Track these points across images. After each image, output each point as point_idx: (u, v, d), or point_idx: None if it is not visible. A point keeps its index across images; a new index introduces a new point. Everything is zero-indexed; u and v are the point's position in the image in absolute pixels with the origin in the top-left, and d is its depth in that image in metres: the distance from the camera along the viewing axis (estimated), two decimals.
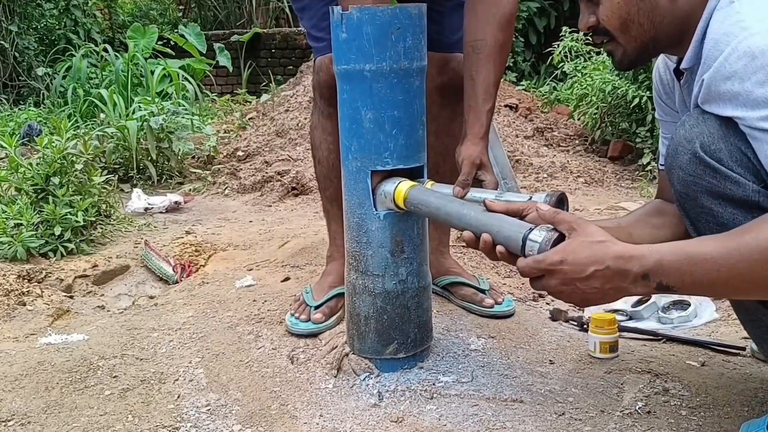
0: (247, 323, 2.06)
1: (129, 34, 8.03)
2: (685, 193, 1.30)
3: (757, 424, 1.42)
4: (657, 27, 1.38)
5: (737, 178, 1.23)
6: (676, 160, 1.30)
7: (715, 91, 1.24)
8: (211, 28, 10.14)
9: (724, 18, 1.26)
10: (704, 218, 1.29)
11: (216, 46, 8.89)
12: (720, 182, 1.25)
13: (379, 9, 1.59)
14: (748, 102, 1.19)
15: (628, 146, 4.59)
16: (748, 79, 1.18)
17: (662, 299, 2.21)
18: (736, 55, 1.20)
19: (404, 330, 1.74)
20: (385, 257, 1.69)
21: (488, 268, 2.57)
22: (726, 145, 1.24)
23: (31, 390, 1.73)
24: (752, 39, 1.19)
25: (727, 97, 1.22)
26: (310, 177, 4.06)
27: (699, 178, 1.27)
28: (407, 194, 1.61)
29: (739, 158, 1.23)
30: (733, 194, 1.24)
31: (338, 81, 1.69)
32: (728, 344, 1.88)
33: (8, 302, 2.29)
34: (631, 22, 1.39)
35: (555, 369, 1.79)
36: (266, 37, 9.33)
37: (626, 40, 1.42)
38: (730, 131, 1.24)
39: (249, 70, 8.92)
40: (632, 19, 1.38)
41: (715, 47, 1.24)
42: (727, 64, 1.21)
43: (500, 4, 1.77)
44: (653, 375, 1.72)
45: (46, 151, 2.94)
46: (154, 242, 2.93)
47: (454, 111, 2.06)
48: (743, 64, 1.19)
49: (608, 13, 1.40)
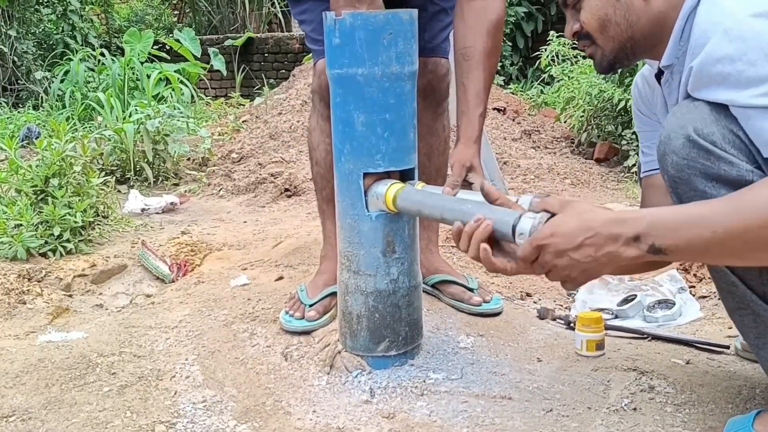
0: (241, 321, 2.10)
1: (125, 38, 8.08)
2: (679, 177, 1.30)
3: (742, 421, 1.43)
4: (633, 26, 1.43)
5: (731, 159, 1.24)
6: (669, 146, 1.31)
7: (706, 75, 1.26)
8: (205, 32, 10.20)
9: (709, 9, 1.30)
10: (696, 201, 1.28)
11: (210, 51, 8.95)
12: (714, 163, 1.25)
13: (372, 15, 1.62)
14: (740, 82, 1.21)
15: (613, 148, 4.66)
16: (739, 59, 1.20)
17: (647, 298, 2.25)
18: (726, 39, 1.22)
19: (395, 328, 1.77)
20: (376, 257, 1.73)
21: (477, 268, 2.60)
22: (718, 128, 1.25)
23: (31, 387, 1.76)
24: (742, 24, 1.22)
25: (718, 80, 1.24)
26: (303, 179, 4.10)
27: (693, 161, 1.27)
28: (397, 195, 1.64)
29: (732, 140, 1.24)
30: (728, 175, 1.25)
31: (331, 85, 1.72)
32: (713, 343, 1.91)
33: (9, 301, 2.32)
34: (609, 22, 1.44)
35: (542, 366, 1.82)
36: (259, 42, 9.43)
37: (604, 40, 1.46)
38: (722, 115, 1.26)
39: (242, 74, 8.98)
40: (609, 19, 1.43)
41: (704, 35, 1.27)
42: (717, 48, 1.23)
43: (488, 12, 1.81)
44: (639, 372, 1.75)
45: (46, 153, 2.97)
46: (151, 242, 2.96)
47: (435, 112, 2.13)
48: (735, 47, 1.21)
49: (588, 15, 1.45)
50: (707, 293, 2.37)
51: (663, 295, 2.28)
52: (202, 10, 10.76)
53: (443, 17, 2.09)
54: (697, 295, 2.39)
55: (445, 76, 2.13)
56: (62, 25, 8.60)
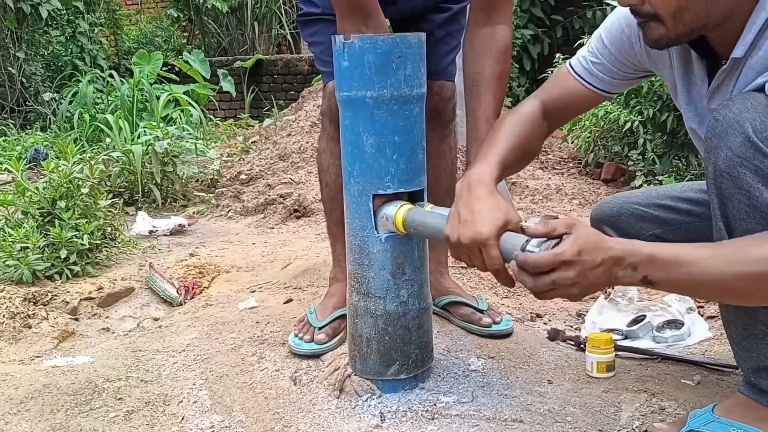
0: (250, 345, 2.09)
1: (134, 60, 8.13)
2: (728, 173, 1.30)
3: (702, 411, 1.50)
4: (710, 14, 1.36)
5: None
6: (724, 140, 1.30)
7: None
8: (214, 54, 10.29)
9: None
10: (737, 198, 1.30)
11: (220, 72, 9.01)
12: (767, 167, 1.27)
13: (381, 38, 1.63)
14: None
15: (620, 169, 4.68)
16: None
17: (656, 319, 2.24)
18: None
19: (405, 351, 1.76)
20: (386, 279, 1.72)
21: (486, 289, 2.60)
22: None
23: (36, 413, 1.75)
24: None
25: None
26: (312, 200, 4.10)
27: (747, 160, 1.28)
28: (405, 216, 1.64)
29: None
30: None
31: (340, 107, 1.72)
32: (722, 363, 1.90)
33: (14, 325, 2.32)
34: (687, 9, 1.35)
35: (553, 388, 1.81)
36: (268, 63, 9.49)
37: (674, 25, 1.38)
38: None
39: (252, 95, 9.03)
40: (689, 7, 1.35)
41: None
42: None
43: (495, 38, 1.81)
44: (649, 394, 1.74)
45: (53, 175, 2.98)
46: (159, 264, 2.96)
47: (442, 134, 2.14)
48: None
49: None
50: (715, 313, 2.35)
51: (672, 316, 2.27)
52: (211, 32, 10.86)
53: (449, 41, 2.09)
54: (706, 315, 2.37)
55: (450, 98, 2.14)
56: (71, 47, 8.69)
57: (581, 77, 1.68)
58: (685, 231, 1.73)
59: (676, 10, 1.35)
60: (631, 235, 1.72)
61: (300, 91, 7.35)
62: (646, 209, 1.78)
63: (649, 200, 1.80)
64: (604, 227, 1.80)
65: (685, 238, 1.65)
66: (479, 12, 1.82)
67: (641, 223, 1.78)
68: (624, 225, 1.80)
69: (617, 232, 1.78)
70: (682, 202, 1.75)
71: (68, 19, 8.75)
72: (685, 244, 1.29)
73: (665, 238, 1.72)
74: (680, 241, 1.33)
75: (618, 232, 1.78)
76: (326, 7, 1.97)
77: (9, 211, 3.04)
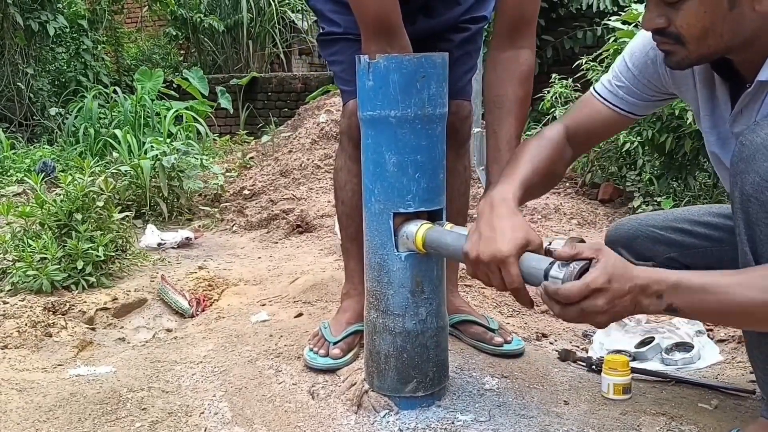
0: (266, 358, 2.11)
1: (136, 76, 8.22)
2: (756, 198, 1.31)
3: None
4: (736, 37, 1.36)
5: None
6: (752, 164, 1.31)
7: None
8: (210, 71, 10.45)
9: None
10: (765, 222, 1.31)
11: (218, 89, 9.15)
12: None
13: (406, 58, 1.64)
14: None
15: (617, 189, 4.67)
16: None
17: (665, 341, 2.24)
18: None
19: (423, 369, 1.77)
20: (405, 297, 1.73)
21: (491, 308, 2.61)
22: None
23: (65, 421, 1.76)
24: None
25: None
26: (314, 215, 4.14)
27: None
28: (426, 235, 1.66)
29: None
30: None
31: (362, 126, 1.74)
32: (738, 388, 1.90)
33: (36, 333, 2.34)
34: (713, 32, 1.35)
35: (570, 410, 1.81)
36: (263, 81, 9.69)
37: (697, 47, 1.38)
38: None
39: (246, 112, 9.14)
40: (714, 29, 1.35)
41: None
42: None
43: (519, 62, 1.85)
44: (668, 417, 1.73)
45: (70, 188, 3.02)
46: (169, 277, 2.98)
47: (457, 153, 2.16)
48: None
49: (690, 21, 1.36)
50: (726, 337, 2.36)
51: (680, 338, 2.26)
52: (207, 50, 11.01)
53: (467, 60, 2.13)
54: (716, 338, 2.37)
55: (467, 118, 2.17)
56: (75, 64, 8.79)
57: (607, 100, 1.70)
58: (702, 255, 1.74)
59: (701, 34, 1.36)
60: (646, 257, 1.74)
61: (293, 108, 7.49)
62: (663, 232, 1.80)
63: (666, 223, 1.81)
64: (620, 249, 1.80)
65: (701, 262, 1.67)
66: (503, 36, 1.86)
67: (657, 245, 1.80)
68: (639, 247, 1.82)
69: (632, 255, 1.79)
70: (700, 226, 1.77)
71: (72, 36, 8.88)
72: (709, 271, 1.29)
73: (681, 262, 1.74)
74: (696, 266, 1.35)
75: (633, 255, 1.79)
76: (348, 27, 2.00)
77: (27, 223, 3.07)
